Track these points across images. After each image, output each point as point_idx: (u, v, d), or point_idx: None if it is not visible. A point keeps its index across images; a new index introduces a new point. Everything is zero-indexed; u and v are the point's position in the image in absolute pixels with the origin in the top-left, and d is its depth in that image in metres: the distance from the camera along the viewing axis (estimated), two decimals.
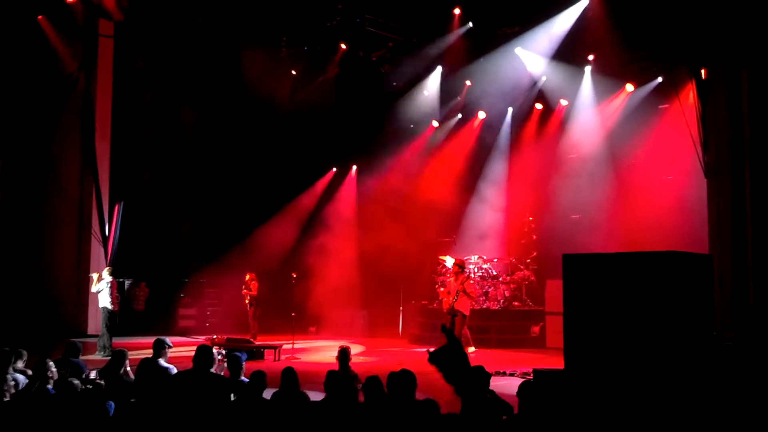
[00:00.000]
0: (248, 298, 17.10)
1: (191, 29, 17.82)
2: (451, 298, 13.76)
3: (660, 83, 17.21)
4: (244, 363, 7.65)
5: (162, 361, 8.00)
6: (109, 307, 14.79)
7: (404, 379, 6.19)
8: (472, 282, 13.99)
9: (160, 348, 8.09)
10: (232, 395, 7.04)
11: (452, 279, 14.27)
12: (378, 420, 5.90)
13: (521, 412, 5.72)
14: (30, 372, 7.82)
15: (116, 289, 15.23)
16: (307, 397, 6.66)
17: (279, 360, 13.97)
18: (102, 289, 14.90)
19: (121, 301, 15.82)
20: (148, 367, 7.93)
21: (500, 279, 18.06)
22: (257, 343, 15.02)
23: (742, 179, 11.08)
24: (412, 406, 5.91)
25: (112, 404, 6.35)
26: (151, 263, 19.92)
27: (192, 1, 17.09)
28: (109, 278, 14.97)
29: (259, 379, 6.69)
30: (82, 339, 15.03)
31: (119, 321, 17.50)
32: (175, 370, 7.83)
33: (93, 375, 8.25)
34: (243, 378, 7.39)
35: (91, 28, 18.25)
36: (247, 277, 17.24)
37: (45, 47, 18.32)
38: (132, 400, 6.82)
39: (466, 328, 14.55)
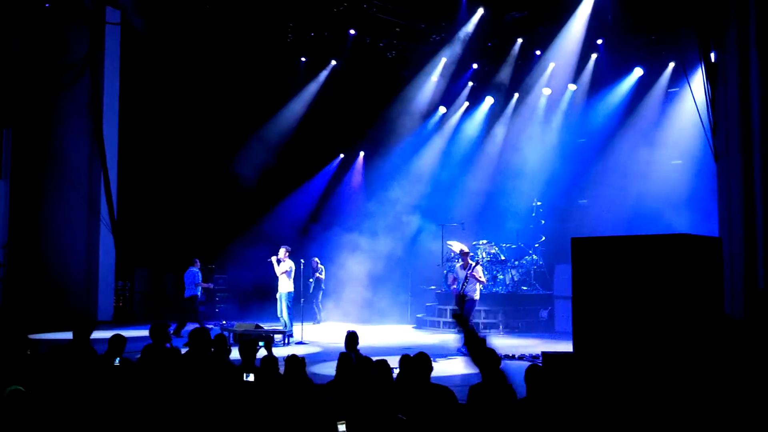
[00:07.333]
0: (315, 281, 18.51)
1: (198, 16, 17.78)
2: (460, 285, 13.57)
3: (669, 66, 17.11)
4: (259, 349, 7.65)
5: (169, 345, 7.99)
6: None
7: (420, 362, 6.23)
8: (480, 267, 13.90)
9: (162, 332, 8.02)
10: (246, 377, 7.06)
11: (459, 266, 14.16)
12: (389, 402, 5.91)
13: (529, 396, 5.72)
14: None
15: None
16: (311, 383, 6.68)
17: (287, 344, 14.11)
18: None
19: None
20: (154, 352, 7.82)
21: (509, 263, 18.07)
22: (266, 327, 15.05)
23: (752, 163, 11.00)
24: (426, 390, 5.95)
25: None
26: (159, 249, 19.97)
27: None
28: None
29: (271, 365, 6.73)
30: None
31: (129, 308, 17.82)
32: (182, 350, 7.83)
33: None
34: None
35: (98, 15, 18.22)
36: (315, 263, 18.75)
37: (53, 35, 18.33)
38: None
39: None
